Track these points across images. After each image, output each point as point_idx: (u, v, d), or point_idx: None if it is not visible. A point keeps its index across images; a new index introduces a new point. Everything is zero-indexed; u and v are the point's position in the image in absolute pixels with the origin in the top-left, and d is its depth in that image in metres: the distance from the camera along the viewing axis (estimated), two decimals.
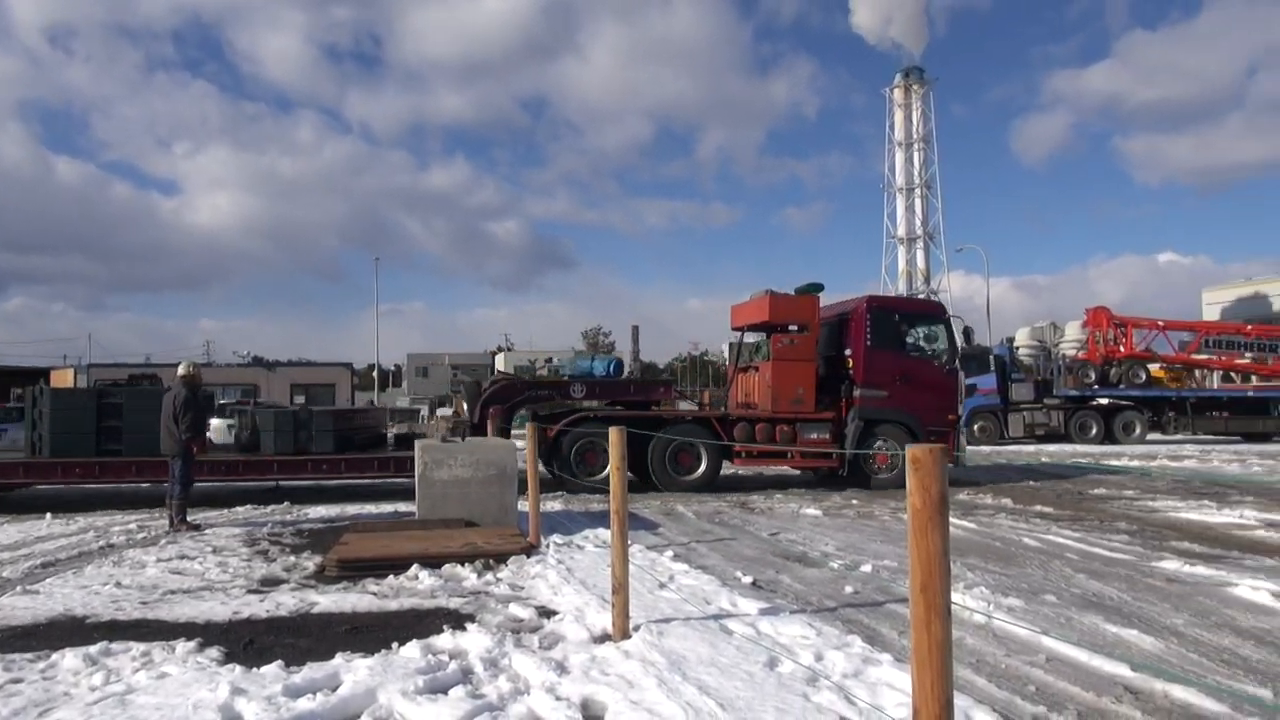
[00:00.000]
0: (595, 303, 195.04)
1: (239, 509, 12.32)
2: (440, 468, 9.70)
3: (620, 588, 5.47)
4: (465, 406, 15.99)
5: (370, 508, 12.42)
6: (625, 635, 5.41)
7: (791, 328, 15.16)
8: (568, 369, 17.32)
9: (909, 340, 15.49)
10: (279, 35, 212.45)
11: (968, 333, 17.43)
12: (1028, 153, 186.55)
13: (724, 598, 6.45)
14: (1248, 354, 32.06)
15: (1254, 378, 33.06)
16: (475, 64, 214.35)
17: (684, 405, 22.40)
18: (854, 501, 12.99)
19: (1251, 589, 6.73)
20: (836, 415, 14.89)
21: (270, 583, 7.37)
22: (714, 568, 7.90)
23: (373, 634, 5.72)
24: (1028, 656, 5.18)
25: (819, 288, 15.46)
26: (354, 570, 7.57)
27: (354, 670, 4.73)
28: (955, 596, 6.22)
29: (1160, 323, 31.75)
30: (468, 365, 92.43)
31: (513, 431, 15.10)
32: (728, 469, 15.65)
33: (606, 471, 14.06)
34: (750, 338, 16.16)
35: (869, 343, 14.93)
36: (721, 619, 5.81)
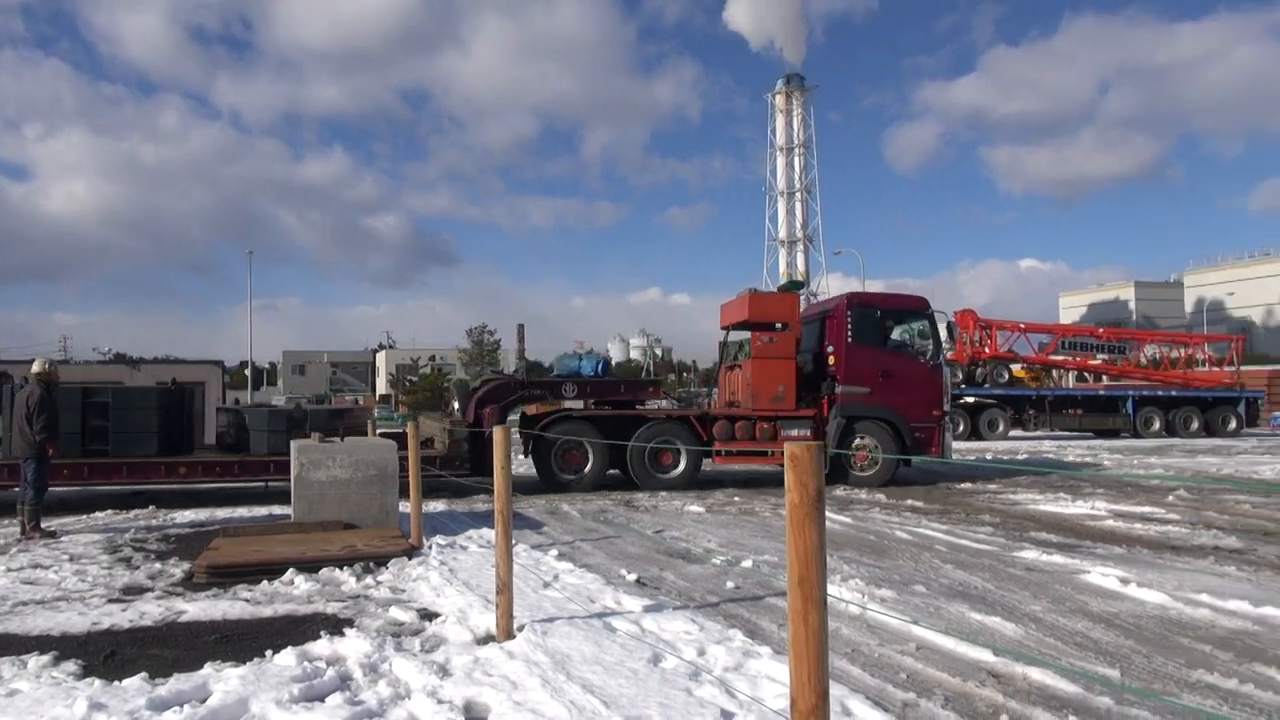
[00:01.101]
0: (480, 300, 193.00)
1: (98, 514, 11.66)
2: (318, 468, 9.41)
3: (504, 588, 5.43)
4: (456, 406, 15.51)
5: (243, 511, 11.95)
6: (509, 636, 5.38)
7: (778, 326, 15.11)
8: (557, 369, 17.12)
9: (892, 336, 15.44)
10: (140, 14, 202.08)
11: (950, 328, 17.10)
12: (900, 160, 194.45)
13: (609, 596, 6.48)
14: (1100, 355, 34.21)
15: (1105, 378, 35.34)
16: (352, 53, 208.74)
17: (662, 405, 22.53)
18: (736, 499, 13.23)
19: (1102, 576, 7.18)
20: (819, 413, 14.85)
21: (133, 591, 7.01)
22: (599, 566, 7.92)
23: (245, 642, 5.51)
24: (899, 645, 5.39)
25: (799, 285, 15.73)
26: (225, 576, 7.28)
27: (224, 680, 4.55)
28: (831, 589, 6.43)
29: (1021, 325, 33.55)
30: (347, 363, 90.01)
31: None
32: (708, 467, 15.93)
33: (588, 470, 14.21)
34: (735, 336, 16.30)
35: (850, 339, 14.88)
36: (606, 617, 5.84)
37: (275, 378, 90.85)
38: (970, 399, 30.78)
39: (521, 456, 15.72)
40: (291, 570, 7.30)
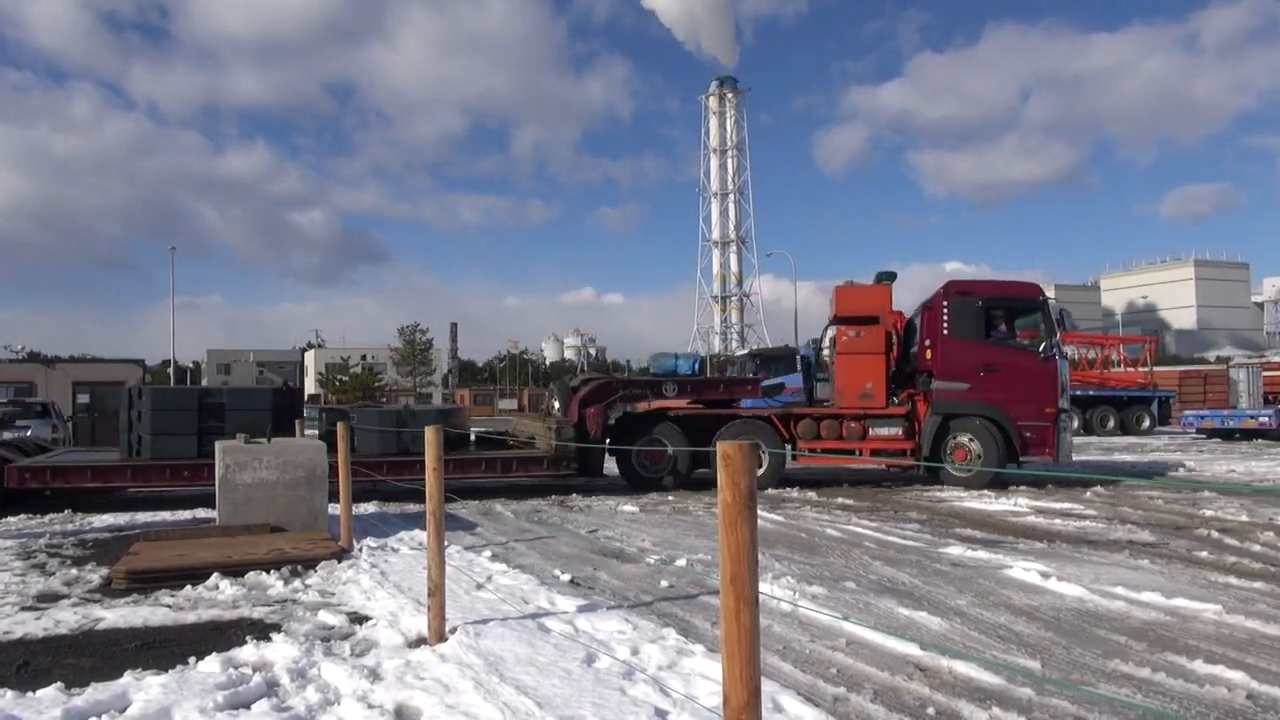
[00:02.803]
0: (411, 299, 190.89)
1: (10, 519, 11.21)
2: (244, 470, 9.20)
3: (436, 590, 5.38)
4: (557, 407, 15.23)
5: (165, 515, 11.61)
6: (441, 638, 5.33)
7: (876, 320, 14.41)
8: (653, 368, 16.78)
9: (997, 327, 14.31)
10: None
11: (1063, 316, 15.67)
12: (829, 162, 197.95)
13: (542, 596, 6.46)
14: None
15: None
16: (274, 44, 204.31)
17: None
18: (670, 498, 13.29)
19: (1024, 570, 7.39)
20: (913, 411, 14.23)
21: (48, 598, 6.76)
22: (532, 566, 7.89)
23: (167, 649, 5.36)
24: (830, 641, 5.48)
25: (891, 276, 14.88)
26: (146, 582, 7.06)
27: (145, 689, 4.42)
28: (763, 586, 6.51)
29: None
30: (274, 362, 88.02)
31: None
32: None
33: (672, 469, 14.48)
34: (832, 332, 15.60)
35: (947, 331, 14.08)
36: (540, 618, 5.82)
37: (199, 377, 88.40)
38: None
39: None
40: (216, 575, 7.12)
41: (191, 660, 4.96)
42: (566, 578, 7.37)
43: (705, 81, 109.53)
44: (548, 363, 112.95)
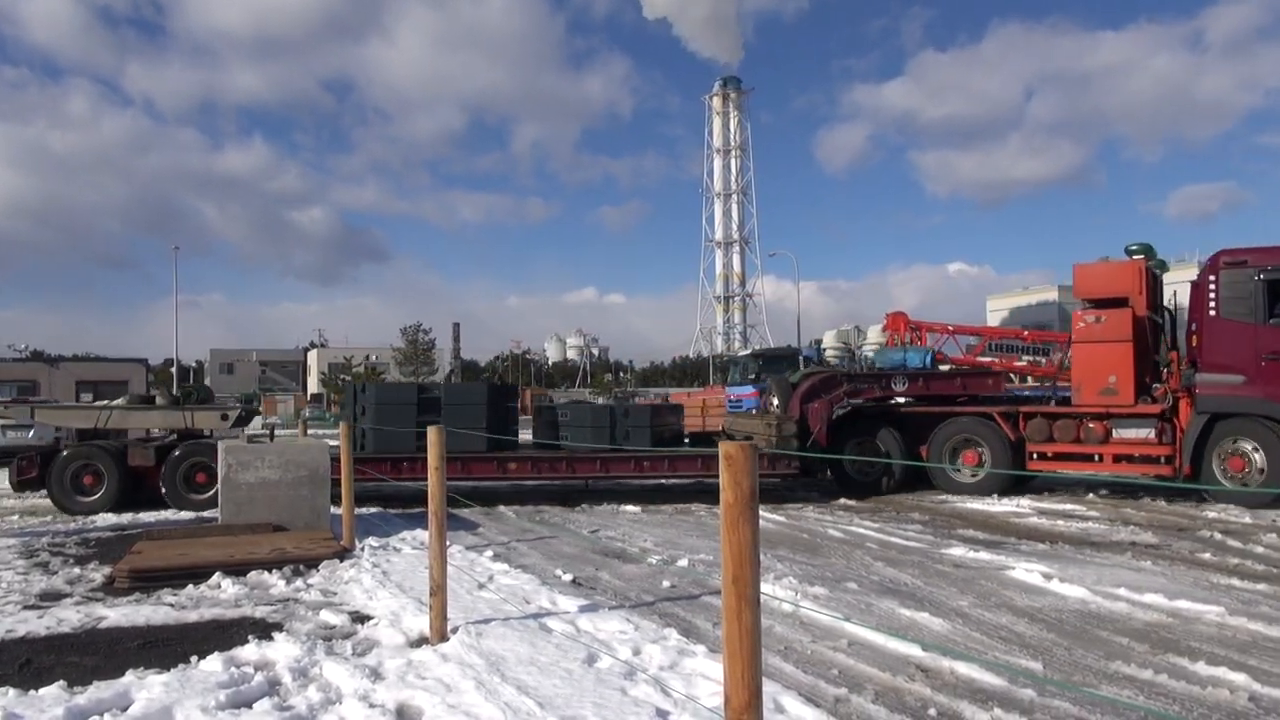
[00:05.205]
0: (413, 298, 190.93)
1: (11, 518, 11.24)
2: (246, 470, 9.20)
3: (438, 589, 5.38)
4: (776, 403, 14.64)
5: (166, 514, 11.62)
6: (443, 638, 5.33)
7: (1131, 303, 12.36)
8: (878, 362, 16.08)
9: None
10: None
11: None
12: (831, 162, 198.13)
13: (544, 596, 6.46)
14: (1025, 357, 35.19)
15: (1029, 379, 36.36)
16: (272, 40, 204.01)
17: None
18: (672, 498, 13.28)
19: (1026, 571, 7.38)
20: (1171, 409, 12.02)
21: (51, 597, 6.77)
22: (534, 566, 7.90)
23: (169, 648, 5.37)
24: (831, 642, 5.48)
25: (1148, 250, 12.91)
26: (148, 581, 7.07)
27: (148, 688, 4.43)
28: (765, 587, 6.50)
29: (950, 327, 34.26)
30: (277, 362, 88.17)
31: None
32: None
33: (887, 471, 13.15)
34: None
35: (1214, 311, 11.70)
36: (541, 618, 5.82)
37: (202, 376, 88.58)
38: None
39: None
40: (218, 574, 7.13)
41: (194, 659, 4.97)
42: (568, 578, 7.37)
43: (707, 79, 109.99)
44: (550, 363, 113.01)
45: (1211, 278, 11.82)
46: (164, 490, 11.90)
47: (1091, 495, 12.95)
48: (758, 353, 39.58)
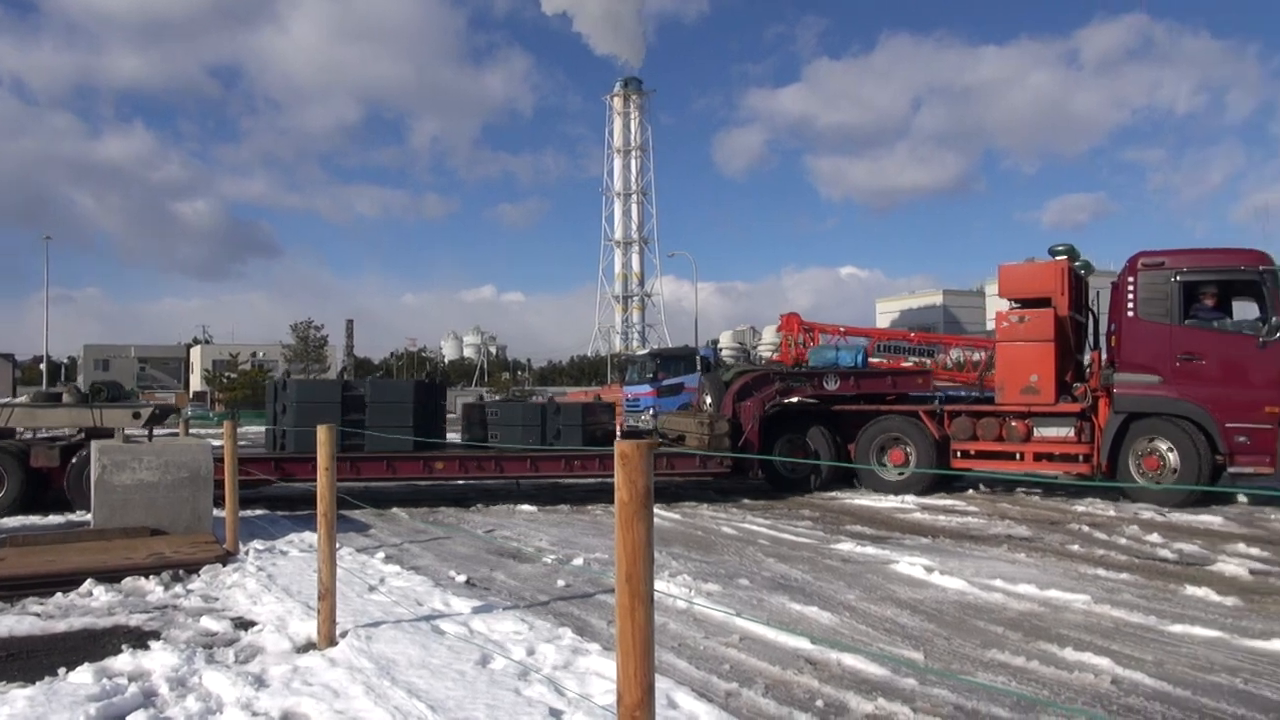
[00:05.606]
0: (304, 294, 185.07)
1: None
2: (122, 471, 8.77)
3: (327, 593, 5.25)
4: (709, 401, 14.31)
5: (35, 518, 10.98)
6: (331, 642, 5.21)
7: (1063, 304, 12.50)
8: (812, 360, 15.75)
9: (1202, 306, 11.81)
10: None
11: None
12: (729, 164, 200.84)
13: (437, 598, 6.38)
14: (912, 358, 36.49)
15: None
16: (154, 22, 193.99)
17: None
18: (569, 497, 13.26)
19: (909, 565, 7.66)
20: (1092, 408, 12.17)
21: None
22: (427, 568, 7.78)
23: (35, 660, 5.08)
24: (724, 637, 5.57)
25: (1070, 251, 13.01)
26: (12, 589, 6.67)
27: (10, 702, 4.18)
28: (659, 584, 6.57)
29: (841, 329, 35.26)
30: (158, 359, 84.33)
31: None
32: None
33: (815, 462, 13.08)
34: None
35: (1132, 312, 11.90)
36: (434, 619, 5.74)
37: (74, 373, 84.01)
38: (794, 398, 32.18)
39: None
40: (90, 581, 6.78)
41: (61, 671, 4.72)
42: (462, 579, 7.28)
43: (609, 79, 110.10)
44: (447, 361, 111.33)
45: (1130, 279, 12.04)
46: (68, 492, 11.25)
47: (971, 491, 13.50)
48: (655, 352, 39.91)
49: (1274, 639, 5.44)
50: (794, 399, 13.99)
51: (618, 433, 15.64)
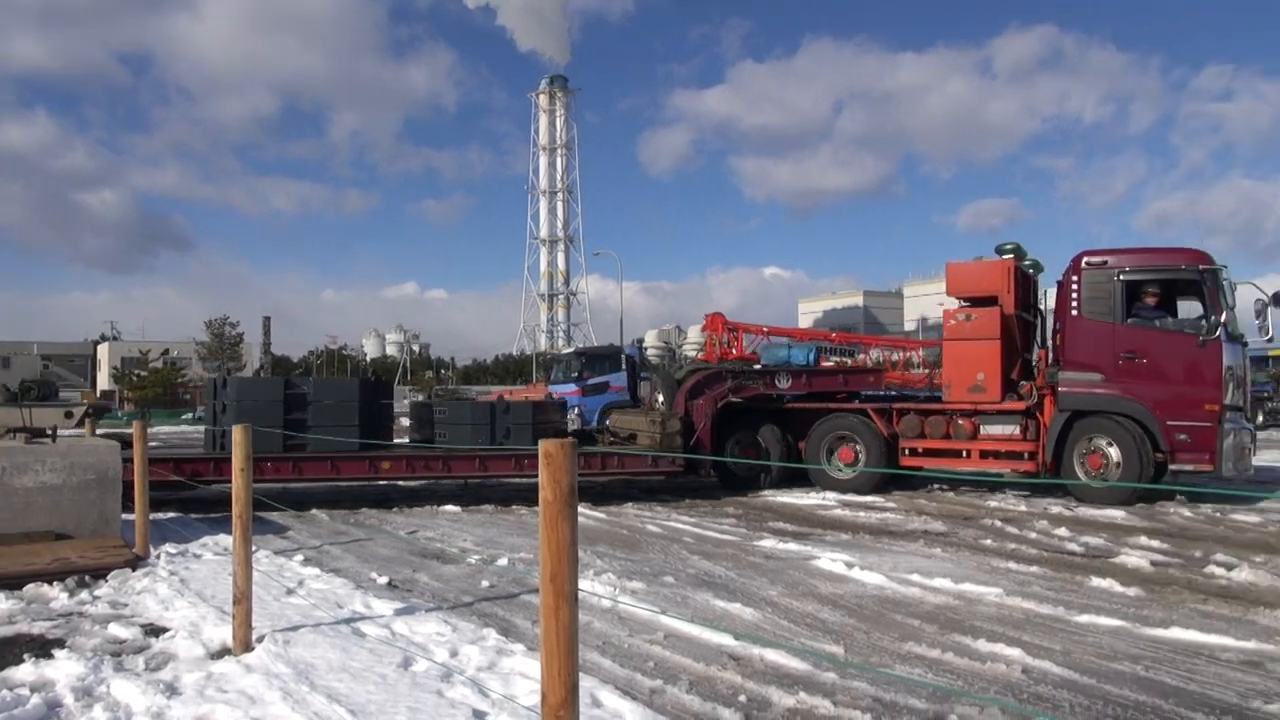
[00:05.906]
0: (219, 290, 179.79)
1: None
2: (24, 473, 8.40)
3: (242, 597, 5.12)
4: (661, 400, 13.98)
5: None
6: (247, 648, 5.08)
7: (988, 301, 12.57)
8: (764, 358, 15.39)
9: (1144, 305, 11.92)
10: None
11: (1231, 290, 11.84)
12: (655, 164, 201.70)
13: (358, 600, 6.27)
14: (833, 358, 37.22)
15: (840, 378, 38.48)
16: (57, 4, 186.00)
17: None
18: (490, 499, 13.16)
19: (830, 561, 7.80)
20: (1037, 406, 12.22)
21: None
22: (348, 570, 7.64)
23: None
24: (648, 635, 5.60)
25: (1016, 250, 13.00)
26: None
27: None
28: (584, 583, 6.56)
29: (765, 329, 35.75)
30: (63, 356, 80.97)
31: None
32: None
33: (766, 463, 12.77)
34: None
35: (1075, 311, 11.98)
36: (355, 622, 5.64)
37: None
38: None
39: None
40: None
41: None
42: (384, 580, 7.17)
43: (534, 76, 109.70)
44: (369, 359, 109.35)
45: (1074, 278, 12.12)
46: None
47: (890, 488, 13.81)
48: (581, 351, 39.86)
49: (1173, 627, 5.70)
50: (747, 397, 14.00)
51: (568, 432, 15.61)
